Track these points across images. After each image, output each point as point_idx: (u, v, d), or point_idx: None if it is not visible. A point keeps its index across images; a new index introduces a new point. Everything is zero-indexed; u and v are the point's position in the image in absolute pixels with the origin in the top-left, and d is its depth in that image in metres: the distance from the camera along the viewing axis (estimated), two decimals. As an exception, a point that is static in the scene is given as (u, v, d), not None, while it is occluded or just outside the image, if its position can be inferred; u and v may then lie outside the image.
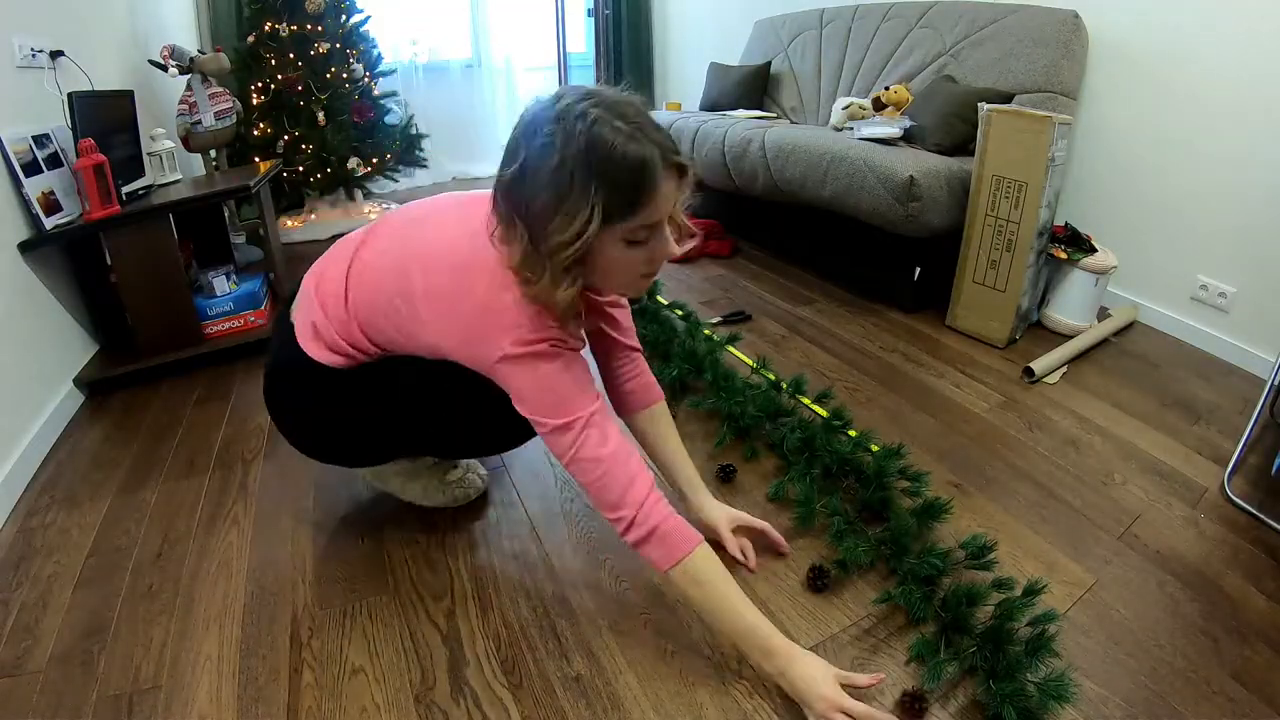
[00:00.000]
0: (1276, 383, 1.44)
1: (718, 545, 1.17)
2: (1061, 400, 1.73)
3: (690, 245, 1.03)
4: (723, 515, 1.21)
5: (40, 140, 1.73)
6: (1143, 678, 0.99)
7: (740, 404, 1.58)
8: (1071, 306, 2.06)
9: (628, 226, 0.85)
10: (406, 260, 0.97)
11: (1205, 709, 0.94)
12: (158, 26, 2.87)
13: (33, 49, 1.77)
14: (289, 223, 3.25)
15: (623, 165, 0.81)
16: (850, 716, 0.88)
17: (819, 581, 1.14)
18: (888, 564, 1.18)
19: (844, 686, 0.92)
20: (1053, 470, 1.46)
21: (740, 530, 1.22)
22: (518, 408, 0.95)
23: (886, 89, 2.51)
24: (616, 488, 0.93)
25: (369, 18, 3.32)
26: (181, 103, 2.60)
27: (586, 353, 1.04)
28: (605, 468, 0.93)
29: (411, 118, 3.68)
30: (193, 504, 1.40)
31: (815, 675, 0.92)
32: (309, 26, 3.01)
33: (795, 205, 2.57)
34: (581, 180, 0.80)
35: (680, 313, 2.19)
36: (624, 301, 1.22)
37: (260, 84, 3.02)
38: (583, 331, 1.03)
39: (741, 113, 3.21)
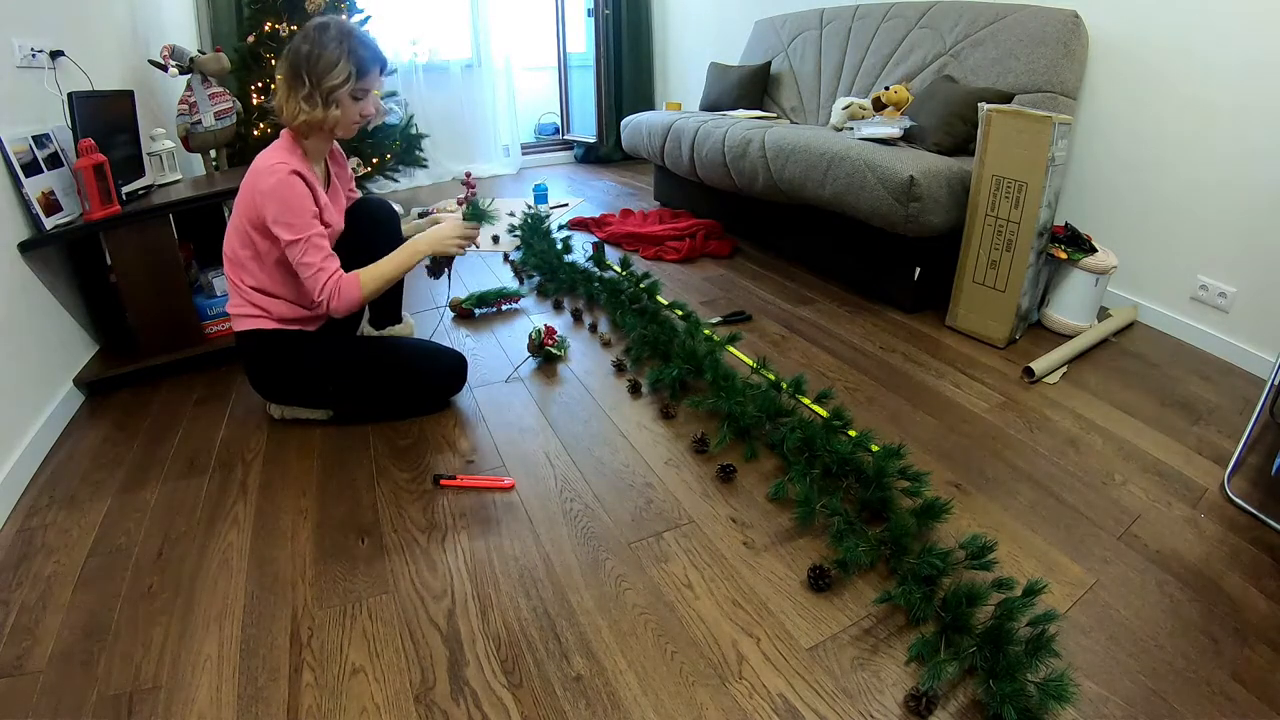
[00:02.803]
0: (1276, 383, 1.44)
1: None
2: (1061, 400, 1.74)
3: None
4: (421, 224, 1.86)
5: (40, 140, 1.73)
6: (1143, 678, 0.99)
7: (740, 404, 1.58)
8: (1071, 306, 2.06)
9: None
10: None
11: (1205, 709, 0.94)
12: (158, 26, 2.87)
13: (33, 49, 1.77)
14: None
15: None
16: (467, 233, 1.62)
17: (819, 581, 1.14)
18: (888, 564, 1.18)
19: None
20: (1053, 470, 1.46)
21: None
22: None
23: (886, 89, 2.51)
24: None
25: (369, 18, 3.31)
26: (181, 103, 2.60)
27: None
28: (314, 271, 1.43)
29: (411, 118, 3.69)
30: (193, 504, 1.40)
31: (434, 234, 1.61)
32: (309, 26, 3.01)
33: (795, 205, 2.57)
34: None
35: (680, 313, 2.19)
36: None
37: (260, 84, 3.02)
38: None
39: (741, 113, 3.21)
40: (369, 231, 1.73)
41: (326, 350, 1.59)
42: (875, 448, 1.45)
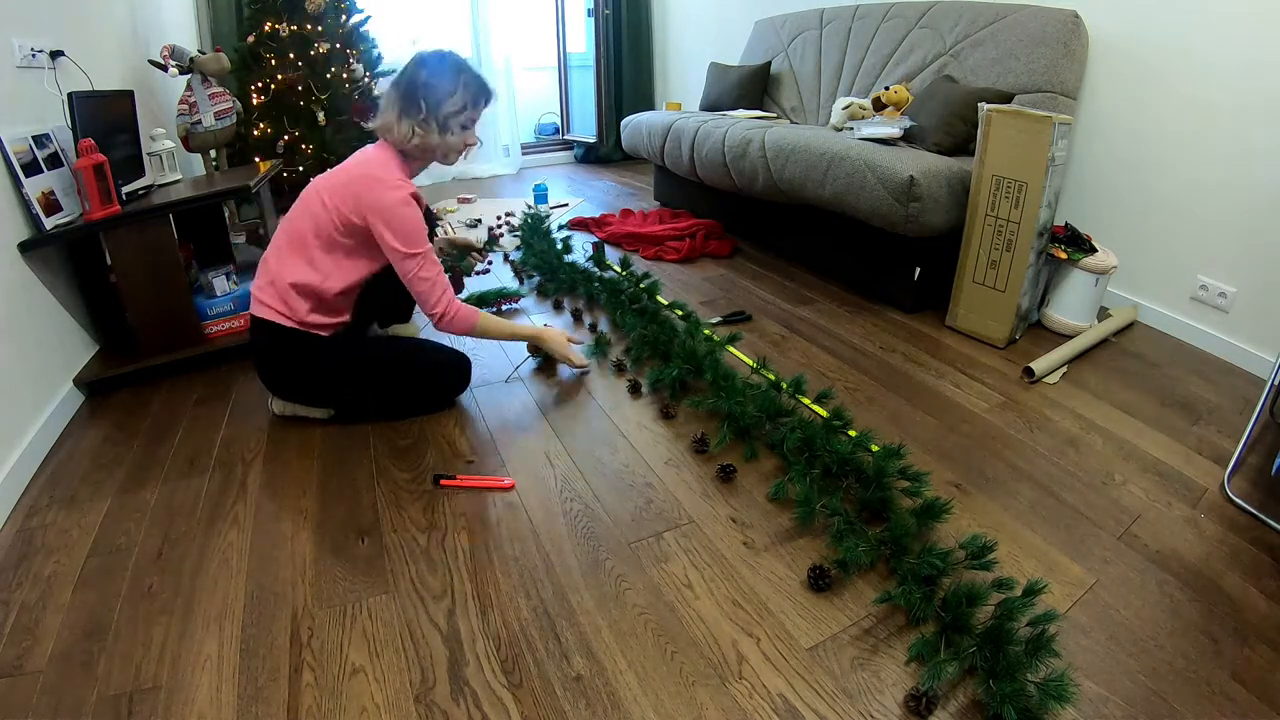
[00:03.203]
0: (1276, 383, 1.44)
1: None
2: (1061, 400, 1.74)
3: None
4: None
5: (40, 140, 1.73)
6: (1143, 678, 0.99)
7: (740, 404, 1.58)
8: (1071, 306, 2.06)
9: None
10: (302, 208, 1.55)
11: (1205, 709, 0.94)
12: (158, 26, 2.87)
13: (33, 49, 1.77)
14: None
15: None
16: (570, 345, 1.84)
17: (819, 581, 1.14)
18: (888, 564, 1.18)
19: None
20: (1053, 470, 1.46)
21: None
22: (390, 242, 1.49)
23: (886, 89, 2.51)
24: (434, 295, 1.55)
25: (369, 18, 3.32)
26: (181, 103, 2.60)
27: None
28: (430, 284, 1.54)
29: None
30: (193, 504, 1.40)
31: (556, 333, 1.84)
32: (309, 26, 3.02)
33: (795, 205, 2.57)
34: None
35: (680, 313, 2.19)
36: None
37: (260, 84, 3.03)
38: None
39: (741, 113, 3.21)
40: None
41: (334, 353, 1.59)
42: (875, 448, 1.45)
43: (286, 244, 1.53)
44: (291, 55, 3.01)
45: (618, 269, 2.54)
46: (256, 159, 2.96)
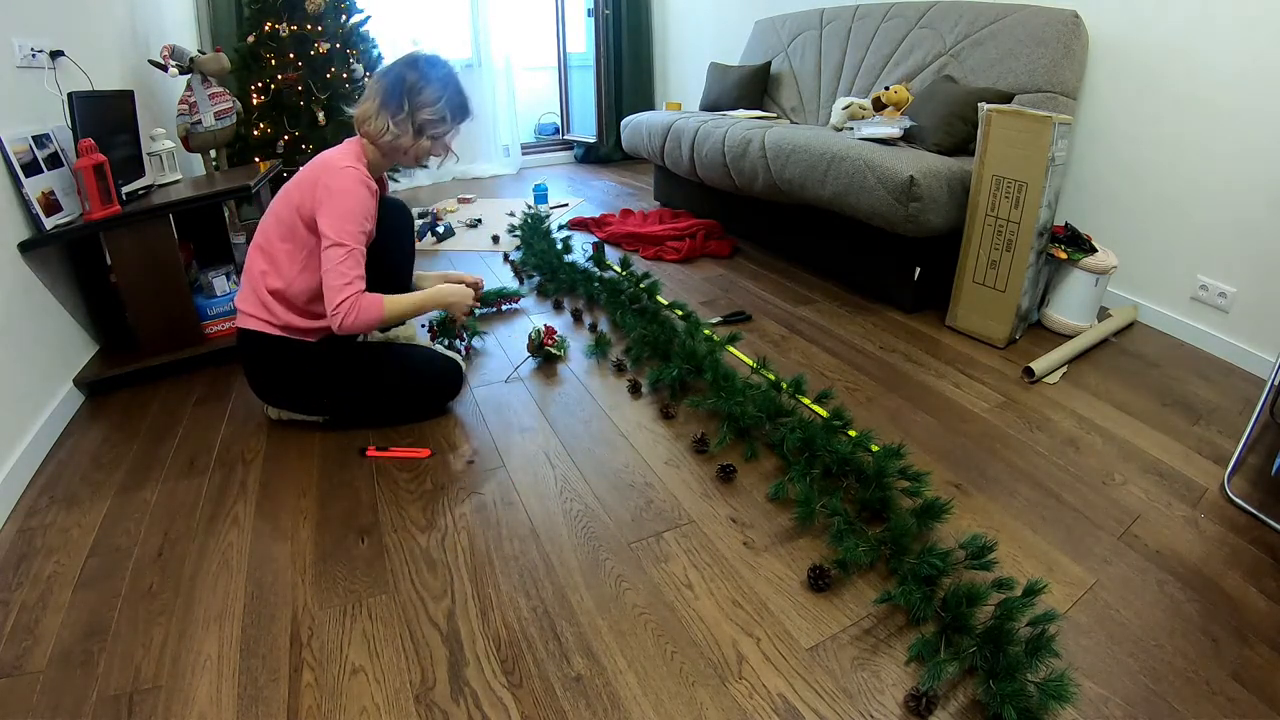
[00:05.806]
0: (1276, 383, 1.44)
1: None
2: (1061, 400, 1.74)
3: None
4: (434, 275, 1.85)
5: (40, 140, 1.73)
6: (1143, 678, 0.99)
7: (740, 404, 1.58)
8: (1071, 306, 2.06)
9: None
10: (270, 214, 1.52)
11: (1205, 709, 0.94)
12: (158, 26, 2.87)
13: (33, 49, 1.77)
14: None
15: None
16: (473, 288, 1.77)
17: (819, 581, 1.14)
18: (888, 564, 1.18)
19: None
20: (1053, 470, 1.46)
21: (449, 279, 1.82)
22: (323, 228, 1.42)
23: (886, 89, 2.51)
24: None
25: (369, 18, 3.32)
26: (181, 103, 2.60)
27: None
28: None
29: (411, 118, 3.68)
30: (193, 504, 1.40)
31: (451, 289, 1.67)
32: (309, 26, 3.02)
33: (795, 205, 2.57)
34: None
35: (680, 313, 2.19)
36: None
37: (260, 84, 3.03)
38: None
39: (741, 113, 3.21)
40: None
41: (322, 362, 1.58)
42: (875, 448, 1.46)
43: (259, 252, 1.52)
44: (291, 55, 3.01)
45: (618, 269, 2.54)
46: (256, 159, 2.96)
